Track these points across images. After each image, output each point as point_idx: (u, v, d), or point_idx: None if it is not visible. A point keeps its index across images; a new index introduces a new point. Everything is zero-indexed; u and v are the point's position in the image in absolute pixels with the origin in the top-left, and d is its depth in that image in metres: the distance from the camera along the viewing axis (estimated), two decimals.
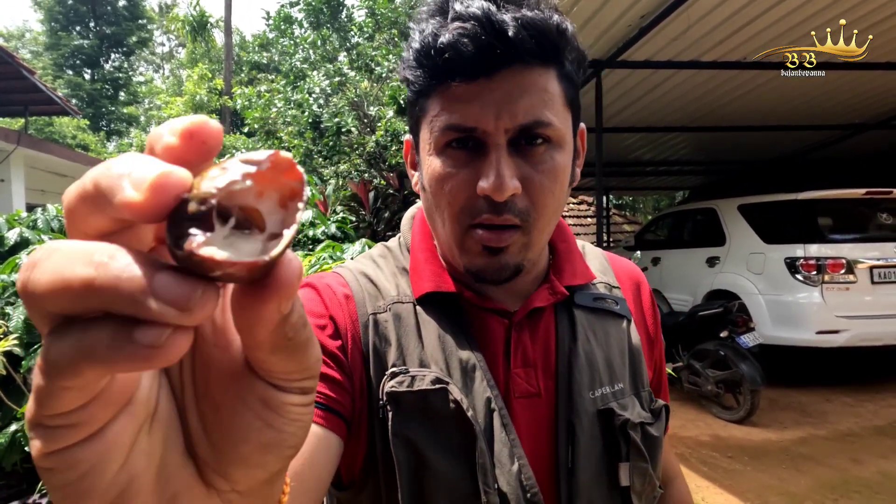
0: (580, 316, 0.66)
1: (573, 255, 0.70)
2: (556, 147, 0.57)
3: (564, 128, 0.57)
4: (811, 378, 5.35)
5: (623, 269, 0.76)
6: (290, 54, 10.21)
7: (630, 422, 0.61)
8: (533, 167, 0.56)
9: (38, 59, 25.07)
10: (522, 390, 0.61)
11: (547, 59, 0.55)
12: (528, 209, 0.57)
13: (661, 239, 7.10)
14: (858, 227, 5.03)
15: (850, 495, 3.12)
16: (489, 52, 0.52)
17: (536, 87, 0.54)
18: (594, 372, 0.63)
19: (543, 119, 0.55)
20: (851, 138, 7.53)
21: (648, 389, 0.67)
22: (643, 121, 6.76)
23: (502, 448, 0.57)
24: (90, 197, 0.19)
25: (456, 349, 0.61)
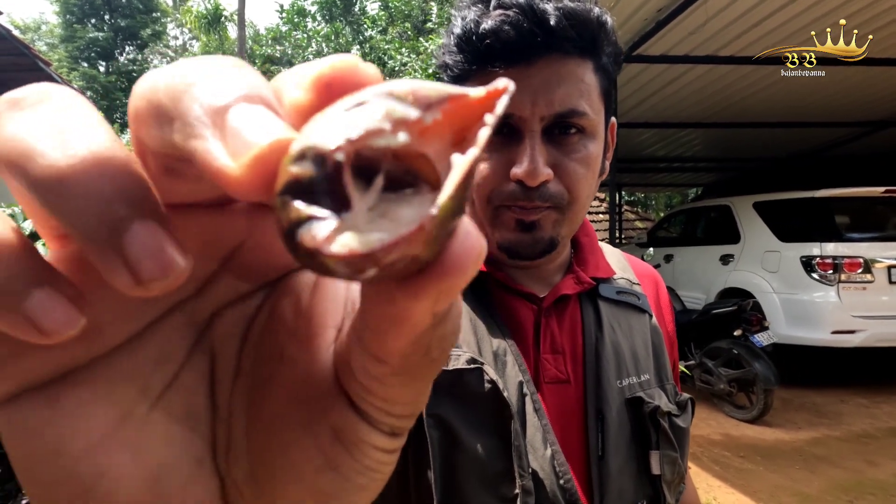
0: (605, 307, 0.67)
1: (595, 249, 0.72)
2: (589, 137, 0.58)
3: (598, 119, 0.59)
4: (826, 378, 5.28)
5: (641, 269, 0.77)
6: (304, 47, 10.23)
7: (660, 409, 0.61)
8: (566, 155, 0.57)
9: (53, 52, 25.32)
10: (552, 376, 0.62)
11: (585, 50, 0.56)
12: (562, 194, 0.58)
13: (674, 236, 7.04)
14: (877, 225, 4.95)
15: (864, 497, 3.08)
16: (530, 39, 0.53)
17: (574, 77, 0.55)
18: (621, 362, 0.64)
19: (579, 108, 0.56)
20: (870, 136, 7.41)
21: (673, 383, 0.68)
22: (658, 116, 6.69)
23: (535, 433, 0.57)
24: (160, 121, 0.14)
25: (487, 332, 0.61)
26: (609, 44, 0.58)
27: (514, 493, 0.53)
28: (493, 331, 0.61)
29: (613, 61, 0.60)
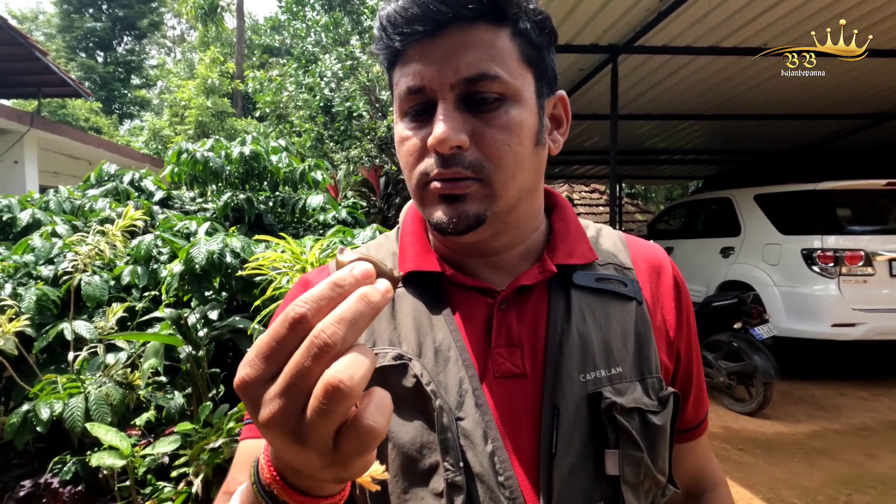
0: (577, 296, 0.63)
1: (570, 234, 0.68)
2: (512, 102, 0.57)
3: (520, 84, 0.57)
4: (826, 371, 5.28)
5: (642, 252, 0.71)
6: (302, 38, 10.15)
7: (619, 405, 0.57)
8: (485, 122, 0.56)
9: (51, 42, 25.15)
10: (505, 370, 0.60)
11: (492, 16, 0.55)
12: (481, 161, 0.56)
13: (675, 228, 7.03)
14: (878, 218, 4.94)
15: (864, 490, 3.08)
16: (430, 12, 0.54)
17: (482, 43, 0.55)
18: (587, 354, 0.60)
19: (489, 72, 0.55)
20: (872, 128, 7.38)
21: (658, 376, 0.62)
22: (659, 108, 6.66)
23: (475, 428, 0.56)
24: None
25: (431, 328, 0.61)
26: (523, 10, 0.57)
27: (440, 489, 0.55)
28: (440, 327, 0.61)
29: (536, 27, 0.58)
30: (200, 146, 3.20)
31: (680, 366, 0.69)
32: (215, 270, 2.04)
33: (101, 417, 1.71)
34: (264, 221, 3.18)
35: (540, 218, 0.68)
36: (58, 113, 19.29)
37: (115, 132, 21.19)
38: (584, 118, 7.01)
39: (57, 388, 1.78)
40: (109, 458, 1.61)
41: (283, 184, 3.39)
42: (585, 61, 5.13)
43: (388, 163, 7.77)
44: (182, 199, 3.46)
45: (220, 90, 16.47)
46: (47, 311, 2.13)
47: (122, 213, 2.36)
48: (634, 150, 9.28)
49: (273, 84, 9.52)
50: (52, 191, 3.10)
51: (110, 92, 25.33)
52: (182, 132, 15.36)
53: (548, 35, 0.60)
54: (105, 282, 2.14)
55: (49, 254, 2.37)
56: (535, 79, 0.59)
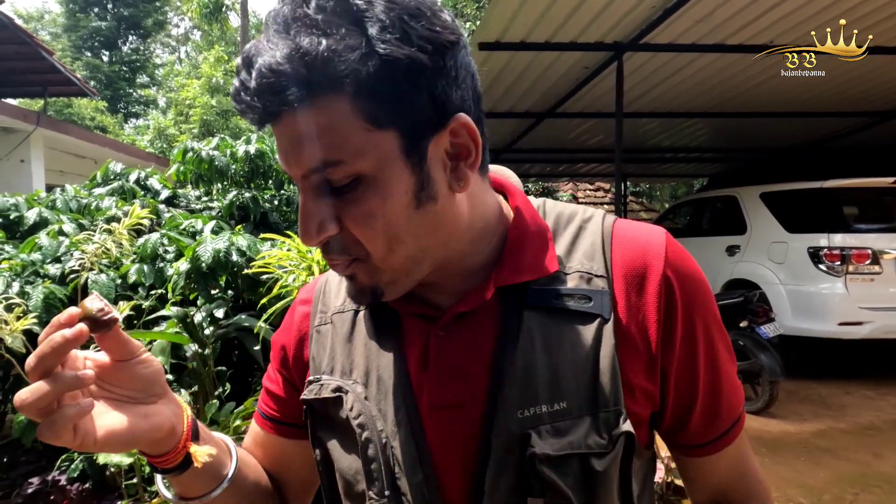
0: (530, 318, 0.56)
1: (524, 247, 0.59)
2: (369, 180, 0.49)
3: (373, 156, 0.49)
4: (831, 370, 5.26)
5: (626, 251, 0.59)
6: None
7: (542, 456, 0.52)
8: (347, 204, 0.50)
9: (56, 41, 25.25)
10: (442, 400, 0.57)
11: (318, 90, 0.46)
12: (355, 244, 0.52)
13: (680, 227, 7.01)
14: (885, 216, 4.92)
15: (870, 489, 3.07)
16: (252, 107, 0.48)
17: (317, 129, 0.48)
18: (530, 386, 0.54)
19: (329, 159, 0.48)
20: (878, 125, 7.34)
21: (617, 409, 0.54)
22: (664, 106, 6.64)
23: (407, 458, 0.57)
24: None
25: (378, 356, 0.61)
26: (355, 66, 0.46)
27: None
28: (385, 354, 0.60)
29: (391, 73, 0.47)
30: (206, 145, 3.21)
31: (669, 383, 0.59)
32: (221, 269, 2.05)
33: None
34: (269, 220, 3.19)
35: (484, 238, 0.60)
36: (63, 112, 19.38)
37: (120, 131, 21.28)
38: (589, 116, 7.00)
39: None
40: (116, 456, 1.62)
41: (289, 182, 3.40)
42: (590, 59, 5.11)
43: None
44: (188, 198, 3.47)
45: (224, 89, 16.50)
46: (54, 310, 2.14)
47: (129, 211, 2.37)
48: (639, 149, 9.26)
49: None
50: (58, 189, 3.12)
51: (115, 91, 25.42)
52: (187, 131, 15.41)
53: (409, 72, 0.47)
54: (111, 280, 2.15)
55: (56, 252, 2.38)
56: (402, 133, 0.49)
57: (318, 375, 0.64)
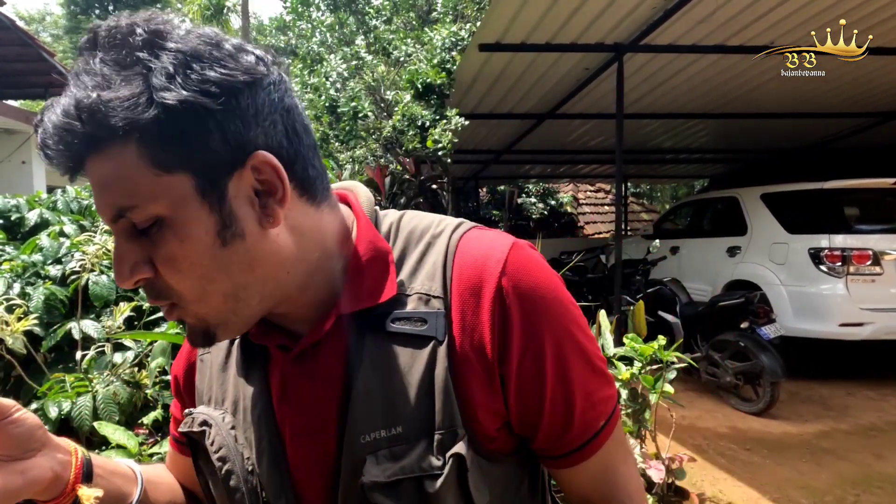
0: (370, 344, 0.57)
1: (363, 272, 0.59)
2: (166, 223, 0.49)
3: (166, 200, 0.48)
4: (833, 371, 5.26)
5: (465, 268, 0.58)
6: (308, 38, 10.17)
7: (372, 484, 0.54)
8: (154, 247, 0.50)
9: (58, 42, 25.30)
10: (300, 429, 0.60)
11: (103, 140, 0.47)
12: (169, 287, 0.52)
13: (681, 228, 7.01)
14: (886, 217, 4.92)
15: (872, 491, 3.07)
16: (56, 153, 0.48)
17: (110, 176, 0.48)
18: (371, 412, 0.55)
19: (125, 205, 0.48)
20: (879, 126, 7.34)
21: (454, 430, 0.55)
22: (664, 107, 6.64)
23: (269, 484, 0.60)
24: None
25: (244, 386, 0.64)
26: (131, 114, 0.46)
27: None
28: (252, 384, 0.63)
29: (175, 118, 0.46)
30: None
31: (511, 395, 0.57)
32: None
33: (109, 416, 1.72)
34: None
35: (320, 269, 0.58)
36: None
37: None
38: (590, 117, 6.99)
39: (65, 386, 1.80)
40: (117, 457, 1.62)
41: None
42: (591, 60, 5.11)
43: (392, 163, 7.78)
44: None
45: None
46: (55, 311, 2.15)
47: None
48: (640, 150, 9.25)
49: None
50: (59, 191, 3.12)
51: None
52: None
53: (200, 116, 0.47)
54: (112, 281, 2.15)
55: (57, 253, 2.38)
56: (195, 175, 0.49)
57: (191, 409, 0.67)
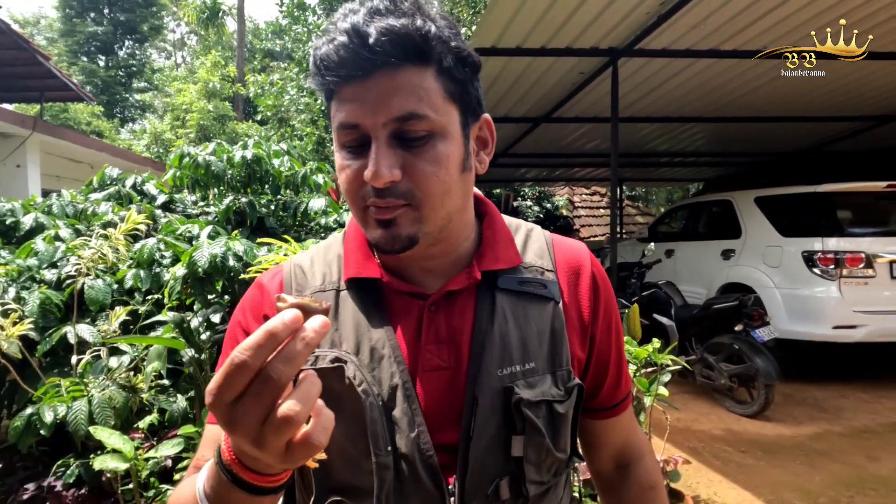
0: (501, 298, 0.72)
1: (497, 241, 0.75)
2: (438, 137, 0.63)
3: (445, 120, 0.63)
4: (827, 373, 5.28)
5: (565, 253, 0.79)
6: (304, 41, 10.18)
7: (525, 400, 0.67)
8: (415, 156, 0.62)
9: (53, 46, 25.21)
10: (432, 364, 0.68)
11: (417, 60, 0.61)
12: (412, 190, 0.63)
13: (676, 231, 7.04)
14: (879, 220, 4.95)
15: (865, 492, 3.08)
16: (358, 58, 0.59)
17: (409, 85, 0.61)
18: (506, 351, 0.69)
19: (417, 112, 0.61)
20: (872, 130, 7.38)
21: (568, 369, 0.72)
22: (660, 111, 6.67)
23: (403, 416, 0.66)
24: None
25: (368, 329, 0.69)
26: (446, 50, 0.63)
27: (370, 468, 0.64)
28: (376, 328, 0.69)
29: (459, 64, 0.64)
30: (202, 150, 3.21)
31: (594, 351, 0.78)
32: (218, 273, 2.05)
33: (105, 421, 1.72)
34: (266, 225, 3.20)
35: (470, 228, 0.75)
36: (60, 117, 19.33)
37: (116, 136, 21.23)
38: (585, 121, 7.02)
39: (60, 391, 1.79)
40: (113, 462, 1.62)
41: (285, 187, 3.40)
42: (586, 64, 5.14)
43: None
44: (184, 203, 3.47)
45: (221, 94, 16.49)
46: (51, 315, 2.14)
47: (125, 216, 2.37)
48: (635, 153, 9.28)
49: (274, 88, 9.54)
50: (54, 195, 3.12)
51: (112, 96, 25.38)
52: (184, 136, 15.39)
53: (471, 68, 0.66)
54: (108, 285, 2.15)
55: (52, 258, 2.38)
56: (460, 112, 0.66)
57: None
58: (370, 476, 0.65)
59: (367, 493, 0.65)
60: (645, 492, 0.85)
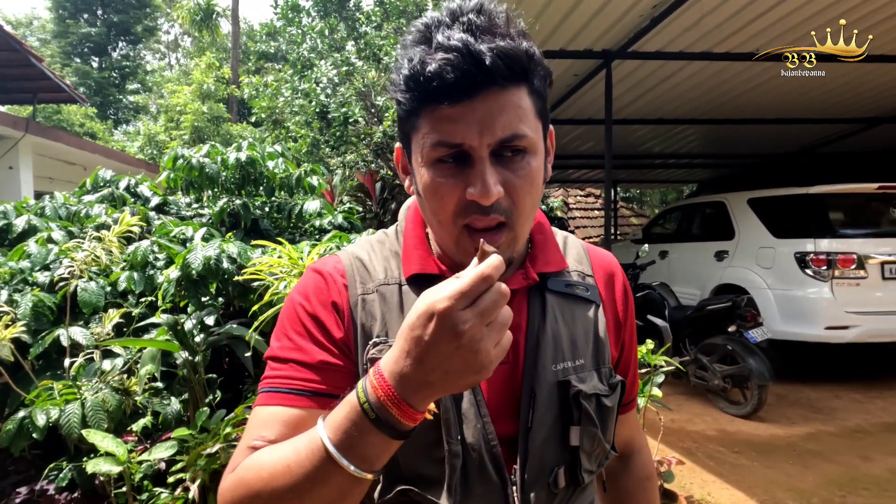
0: (551, 299, 0.77)
1: (548, 246, 0.81)
2: (532, 154, 0.66)
3: (537, 137, 0.67)
4: (820, 374, 5.31)
5: (599, 260, 0.86)
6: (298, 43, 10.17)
7: (583, 392, 0.72)
8: (513, 173, 0.65)
9: (45, 47, 25.09)
10: None
11: (519, 80, 0.64)
12: (511, 208, 0.66)
13: (670, 232, 7.06)
14: (870, 221, 4.98)
15: (858, 492, 3.10)
16: (470, 78, 0.60)
17: (512, 105, 0.63)
18: (558, 348, 0.74)
19: (519, 132, 0.64)
20: (865, 132, 7.44)
21: (609, 367, 0.78)
22: (653, 113, 6.70)
23: (469, 407, 0.69)
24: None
25: None
26: (539, 70, 0.66)
27: (442, 456, 0.67)
28: None
29: (545, 83, 0.69)
30: (196, 152, 3.20)
31: (622, 354, 0.85)
32: (212, 276, 2.05)
33: (98, 424, 1.71)
34: (260, 227, 3.19)
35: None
36: (53, 118, 19.24)
37: (110, 137, 21.13)
38: (579, 123, 7.05)
39: (53, 394, 1.79)
40: (106, 465, 1.61)
41: (280, 189, 3.40)
42: (580, 66, 5.16)
43: (383, 168, 7.79)
44: (178, 205, 3.46)
45: (215, 95, 16.45)
46: (43, 318, 2.13)
47: (118, 218, 2.37)
48: (629, 155, 9.32)
49: (269, 90, 9.53)
50: (47, 197, 3.10)
51: (105, 97, 25.28)
52: (177, 137, 15.34)
53: (550, 84, 0.70)
54: (101, 288, 2.15)
55: (45, 260, 2.37)
56: (543, 127, 0.70)
57: (384, 338, 0.71)
58: (440, 464, 0.67)
59: (436, 482, 0.67)
60: (641, 482, 0.95)
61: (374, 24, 9.16)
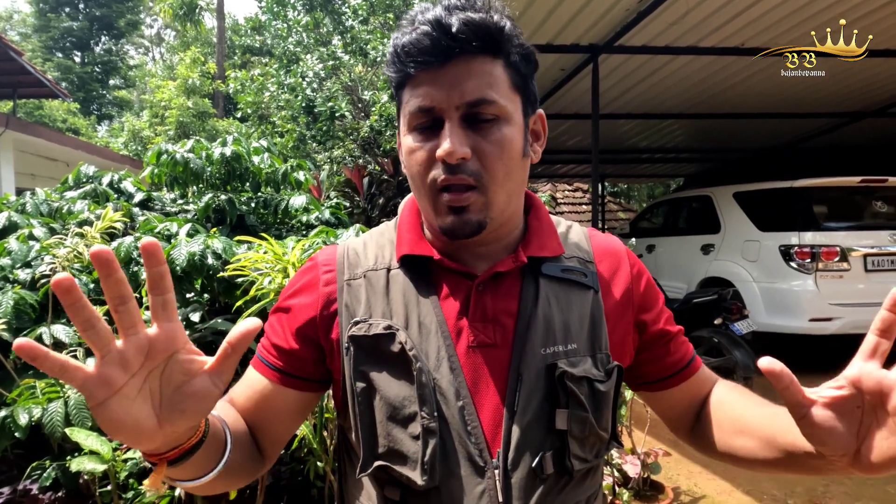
0: (545, 284, 0.77)
1: (543, 232, 0.81)
2: (504, 122, 0.70)
3: (511, 107, 0.71)
4: (804, 365, 5.36)
5: (603, 247, 0.85)
6: (284, 38, 10.08)
7: (570, 374, 0.71)
8: (483, 137, 0.69)
9: (26, 42, 24.69)
10: (479, 341, 0.73)
11: (490, 50, 0.69)
12: (480, 171, 0.69)
13: (656, 226, 7.11)
14: (853, 215, 5.05)
15: (840, 481, 3.16)
16: (439, 45, 0.66)
17: (482, 72, 0.68)
18: (549, 332, 0.73)
19: (488, 97, 0.68)
20: (848, 126, 7.53)
21: (606, 353, 0.76)
22: (640, 107, 6.73)
23: (448, 387, 0.70)
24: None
25: (417, 305, 0.74)
26: (514, 45, 0.71)
27: (418, 432, 0.68)
28: (425, 304, 0.74)
29: (526, 62, 0.73)
30: (181, 147, 3.17)
31: (648, 332, 0.83)
32: (197, 272, 2.03)
33: (81, 422, 1.69)
34: (246, 223, 3.16)
35: (520, 217, 0.81)
36: (34, 114, 18.95)
37: (93, 133, 20.86)
38: (566, 118, 7.06)
39: (35, 392, 1.76)
40: (90, 463, 1.60)
41: (266, 185, 3.37)
42: (566, 61, 5.17)
43: (371, 163, 7.75)
44: (162, 201, 3.42)
45: (200, 90, 16.27)
46: (25, 316, 2.10)
47: (101, 215, 2.33)
48: (616, 149, 9.36)
49: (254, 84, 9.44)
50: (28, 193, 3.05)
51: (88, 93, 24.93)
52: (162, 133, 15.17)
53: (532, 65, 0.74)
54: (84, 285, 2.12)
55: (26, 257, 2.33)
56: (522, 102, 0.73)
57: (365, 317, 0.74)
58: (416, 441, 0.68)
59: (412, 460, 0.68)
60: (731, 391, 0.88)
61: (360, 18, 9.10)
